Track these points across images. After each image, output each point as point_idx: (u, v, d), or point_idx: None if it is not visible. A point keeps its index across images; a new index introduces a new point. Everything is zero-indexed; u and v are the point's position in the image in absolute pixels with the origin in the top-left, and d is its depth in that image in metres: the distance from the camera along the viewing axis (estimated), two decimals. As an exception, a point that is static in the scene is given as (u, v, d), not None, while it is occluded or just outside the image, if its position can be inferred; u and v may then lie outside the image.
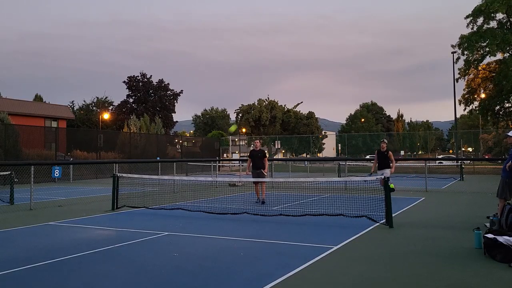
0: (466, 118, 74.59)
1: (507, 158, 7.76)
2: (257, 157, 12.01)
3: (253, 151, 12.22)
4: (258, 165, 11.92)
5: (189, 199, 12.82)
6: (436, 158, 38.52)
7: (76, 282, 4.78)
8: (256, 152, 12.11)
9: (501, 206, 7.30)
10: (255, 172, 11.90)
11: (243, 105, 67.91)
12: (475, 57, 37.70)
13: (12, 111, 31.73)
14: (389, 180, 8.30)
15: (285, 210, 10.10)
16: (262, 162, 11.98)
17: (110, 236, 7.41)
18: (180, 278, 4.95)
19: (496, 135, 40.92)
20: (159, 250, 6.32)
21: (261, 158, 12.00)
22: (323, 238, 7.14)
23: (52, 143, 26.82)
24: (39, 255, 5.95)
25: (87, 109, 62.90)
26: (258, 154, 12.06)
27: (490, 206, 10.38)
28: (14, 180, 12.94)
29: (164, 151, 34.85)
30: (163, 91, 63.41)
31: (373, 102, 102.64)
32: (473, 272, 5.07)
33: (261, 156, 12.05)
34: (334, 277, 4.92)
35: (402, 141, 79.16)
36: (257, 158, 12.00)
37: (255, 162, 12.00)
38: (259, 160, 11.95)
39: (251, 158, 12.16)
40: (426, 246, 6.46)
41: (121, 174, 11.84)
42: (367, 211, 8.94)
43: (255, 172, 11.91)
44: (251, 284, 4.68)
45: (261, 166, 11.91)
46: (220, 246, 6.62)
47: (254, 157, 12.05)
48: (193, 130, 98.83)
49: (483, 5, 35.82)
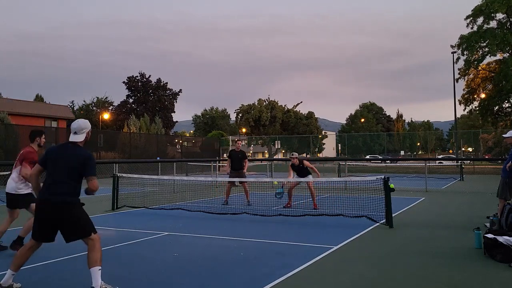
0: (466, 118, 74.61)
1: (507, 158, 7.76)
2: (237, 158, 11.83)
3: (233, 152, 12.02)
4: (238, 166, 11.74)
5: (189, 199, 12.81)
6: (436, 158, 38.51)
7: (76, 282, 4.79)
8: (236, 153, 11.92)
9: (501, 206, 7.30)
10: (234, 173, 11.68)
11: (243, 105, 67.86)
12: (475, 57, 37.73)
13: (12, 111, 31.71)
14: (389, 180, 8.29)
15: (285, 210, 10.09)
16: (242, 163, 11.82)
17: (110, 236, 7.41)
18: (180, 278, 4.95)
19: (496, 135, 40.92)
20: (159, 250, 6.32)
21: (241, 159, 11.83)
22: (323, 238, 7.14)
23: (52, 143, 26.80)
24: (39, 255, 5.94)
25: (87, 109, 62.95)
26: (239, 155, 11.88)
27: (490, 206, 10.38)
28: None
29: (164, 151, 34.84)
30: (162, 91, 63.41)
31: (372, 102, 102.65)
32: (473, 272, 5.07)
33: (241, 157, 11.87)
34: (334, 277, 4.92)
35: (402, 141, 79.21)
36: (237, 159, 11.82)
37: (235, 163, 11.79)
38: (239, 161, 11.79)
39: (231, 158, 11.97)
40: (426, 246, 6.46)
41: (121, 174, 11.84)
42: (367, 211, 8.94)
43: (234, 173, 11.69)
44: (251, 284, 4.68)
45: (241, 167, 11.75)
46: (220, 246, 6.62)
47: (234, 158, 11.86)
48: (193, 130, 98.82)
49: (483, 5, 35.84)
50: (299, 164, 11.04)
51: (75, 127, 4.49)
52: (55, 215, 4.24)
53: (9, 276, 4.39)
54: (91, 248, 4.27)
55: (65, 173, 4.27)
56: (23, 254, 4.45)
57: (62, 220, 4.26)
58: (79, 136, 4.47)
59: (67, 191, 4.25)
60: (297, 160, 11.05)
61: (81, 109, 63.02)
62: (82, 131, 4.49)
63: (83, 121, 4.59)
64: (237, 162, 11.79)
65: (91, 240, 4.28)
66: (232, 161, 11.90)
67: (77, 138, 4.45)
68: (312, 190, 10.86)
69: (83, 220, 4.34)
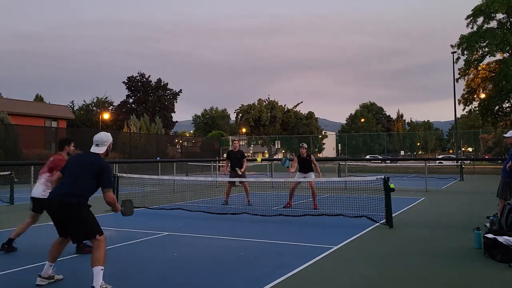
0: (466, 118, 74.59)
1: (507, 158, 7.76)
2: (235, 158, 11.90)
3: (231, 152, 12.09)
4: (237, 166, 11.80)
5: (189, 199, 12.82)
6: (436, 158, 38.51)
7: (76, 282, 4.79)
8: (234, 153, 11.99)
9: (501, 206, 7.30)
10: (234, 173, 11.75)
11: (243, 105, 67.85)
12: (475, 57, 37.73)
13: (12, 111, 31.67)
14: (389, 180, 8.29)
15: (285, 210, 10.09)
16: (241, 163, 11.87)
17: (110, 236, 7.39)
18: (180, 278, 4.96)
19: (496, 135, 40.93)
20: (159, 250, 6.32)
21: (239, 159, 11.89)
22: (323, 238, 7.14)
23: (52, 143, 26.81)
24: (39, 255, 5.95)
25: (87, 109, 62.91)
26: (237, 155, 11.95)
27: (490, 206, 10.38)
28: (14, 180, 12.95)
29: (164, 151, 34.83)
30: (162, 91, 63.41)
31: (372, 102, 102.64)
32: (473, 272, 5.07)
33: (240, 157, 11.93)
34: (334, 277, 4.92)
35: (402, 141, 79.19)
36: (235, 159, 11.88)
37: (233, 163, 11.86)
38: (238, 161, 11.85)
39: (229, 159, 12.04)
40: (426, 246, 6.46)
41: (121, 174, 11.84)
42: (367, 211, 8.94)
43: (234, 173, 11.75)
44: (251, 284, 4.68)
45: (240, 167, 11.80)
46: (220, 246, 6.62)
47: (233, 158, 11.93)
48: (193, 130, 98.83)
49: (483, 5, 35.84)
50: (306, 157, 11.00)
51: (97, 140, 4.68)
52: (60, 216, 4.42)
53: (47, 267, 4.65)
54: (95, 247, 4.36)
55: (75, 176, 4.46)
56: (55, 247, 4.68)
57: (68, 221, 4.41)
58: (101, 149, 4.67)
59: (71, 192, 4.38)
60: (305, 151, 11.02)
61: (81, 109, 62.97)
62: (104, 144, 4.69)
63: (105, 134, 4.76)
64: (237, 162, 11.83)
65: (96, 241, 4.38)
66: (231, 161, 11.95)
67: (98, 150, 4.66)
68: (314, 190, 10.85)
69: (89, 222, 4.43)
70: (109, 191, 4.48)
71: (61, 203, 4.35)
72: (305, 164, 11.05)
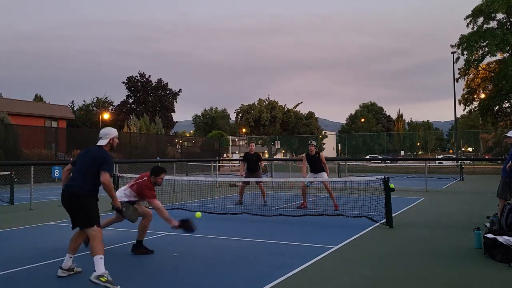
0: (466, 118, 74.57)
1: (507, 158, 7.76)
2: (252, 161, 11.92)
3: (248, 154, 12.08)
4: (253, 168, 11.85)
5: (189, 199, 12.82)
6: (436, 158, 38.49)
7: (76, 282, 4.79)
8: (251, 156, 11.99)
9: (501, 206, 7.30)
10: (250, 175, 11.78)
11: (243, 105, 67.86)
12: (475, 57, 37.72)
13: (12, 111, 31.68)
14: (389, 180, 8.29)
15: (285, 210, 10.09)
16: (258, 165, 11.95)
17: (110, 236, 7.40)
18: (180, 278, 4.96)
19: (496, 135, 40.92)
20: (159, 250, 6.32)
21: (256, 162, 11.94)
22: (323, 238, 7.14)
23: (52, 143, 26.83)
24: (39, 255, 5.95)
25: (87, 109, 62.92)
26: (253, 158, 11.96)
27: (490, 206, 10.38)
28: (14, 180, 12.95)
29: (164, 151, 34.84)
30: (162, 91, 63.41)
31: (372, 102, 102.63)
32: (473, 272, 5.07)
33: (256, 160, 11.96)
34: (334, 277, 4.92)
35: (402, 141, 79.16)
36: (252, 161, 11.92)
37: (250, 165, 11.93)
38: (254, 164, 11.90)
39: (246, 161, 12.08)
40: (426, 246, 6.46)
41: (121, 174, 11.83)
42: (367, 211, 8.94)
43: (250, 175, 11.78)
44: (251, 284, 4.68)
45: (256, 169, 11.87)
46: (220, 246, 6.63)
47: (249, 160, 11.97)
48: (193, 130, 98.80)
49: (483, 5, 35.82)
50: (315, 154, 10.71)
51: (100, 134, 5.11)
52: (70, 204, 4.78)
53: (67, 259, 4.96)
54: (92, 238, 4.64)
55: (82, 168, 4.82)
56: (74, 240, 5.02)
57: (74, 209, 4.78)
58: (103, 141, 5.05)
59: (79, 183, 4.73)
60: (314, 148, 10.76)
61: (81, 109, 62.97)
62: (106, 136, 5.05)
63: (108, 128, 5.20)
64: (253, 164, 11.90)
65: (92, 231, 4.64)
66: (247, 163, 12.02)
67: (101, 143, 5.05)
68: (330, 190, 10.55)
69: (91, 212, 4.73)
70: (106, 173, 4.71)
71: (72, 195, 4.72)
72: (314, 162, 10.74)
